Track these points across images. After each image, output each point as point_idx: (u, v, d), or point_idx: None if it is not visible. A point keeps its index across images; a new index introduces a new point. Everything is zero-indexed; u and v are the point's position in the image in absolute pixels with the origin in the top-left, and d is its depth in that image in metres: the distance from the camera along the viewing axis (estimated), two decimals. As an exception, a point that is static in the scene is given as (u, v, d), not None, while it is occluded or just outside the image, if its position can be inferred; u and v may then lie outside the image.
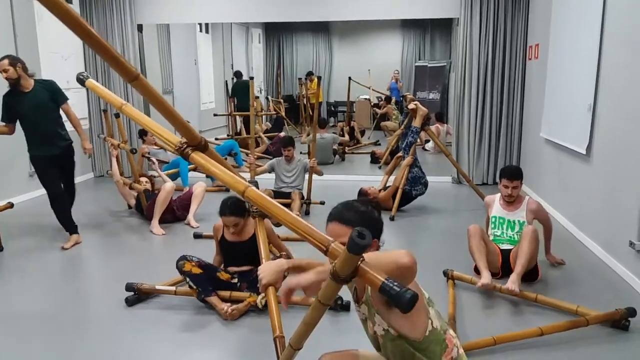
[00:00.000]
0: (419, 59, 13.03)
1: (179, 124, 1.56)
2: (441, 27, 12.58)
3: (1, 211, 4.22)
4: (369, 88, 10.87)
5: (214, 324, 2.92)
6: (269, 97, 11.29)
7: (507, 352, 2.59)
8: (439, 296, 3.11)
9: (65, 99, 4.25)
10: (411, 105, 5.13)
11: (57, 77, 6.26)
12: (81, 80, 1.94)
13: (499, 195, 3.56)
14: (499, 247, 3.38)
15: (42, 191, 5.99)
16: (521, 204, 3.47)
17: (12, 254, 4.08)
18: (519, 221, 3.42)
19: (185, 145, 1.57)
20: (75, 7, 6.61)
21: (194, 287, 3.00)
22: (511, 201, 3.45)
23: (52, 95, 4.11)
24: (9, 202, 4.41)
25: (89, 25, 1.21)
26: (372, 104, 12.04)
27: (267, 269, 1.78)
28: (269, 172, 5.36)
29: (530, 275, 3.33)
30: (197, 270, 3.01)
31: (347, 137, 8.46)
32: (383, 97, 11.46)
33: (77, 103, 6.70)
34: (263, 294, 2.91)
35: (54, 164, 4.18)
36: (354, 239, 1.10)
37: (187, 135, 1.58)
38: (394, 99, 10.93)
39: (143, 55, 6.92)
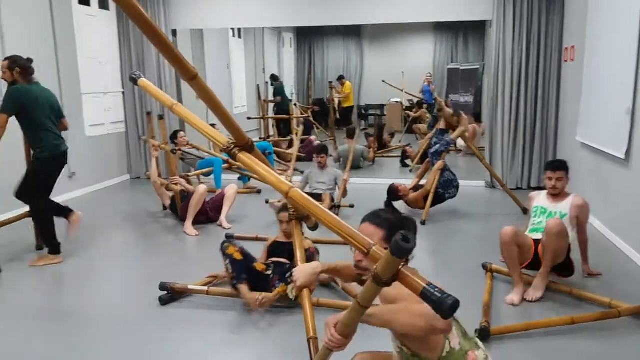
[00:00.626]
0: (452, 62, 12.89)
1: (230, 125, 1.60)
2: (474, 29, 12.42)
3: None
4: (402, 90, 10.82)
5: (246, 324, 2.96)
6: (297, 103, 11.35)
7: (538, 338, 2.69)
8: (473, 289, 3.25)
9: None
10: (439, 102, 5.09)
11: (94, 82, 6.50)
12: (134, 80, 1.98)
13: (545, 190, 3.47)
14: (533, 240, 3.26)
15: (82, 191, 6.23)
16: (567, 198, 3.35)
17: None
18: (560, 212, 3.29)
19: (233, 145, 1.61)
20: (112, 13, 6.81)
21: (231, 271, 3.07)
22: (556, 194, 3.34)
23: None
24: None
25: (156, 26, 1.26)
26: (403, 107, 11.97)
27: (301, 271, 1.81)
28: (304, 185, 5.40)
29: (565, 270, 3.25)
30: (238, 256, 3.10)
31: (372, 155, 8.30)
32: (415, 100, 11.39)
33: (114, 107, 6.91)
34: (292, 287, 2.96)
35: None
36: (398, 242, 1.10)
37: (236, 136, 1.62)
38: (425, 105, 10.85)
39: (177, 60, 7.06)
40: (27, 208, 4.21)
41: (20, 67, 3.81)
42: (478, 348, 1.60)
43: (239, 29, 10.67)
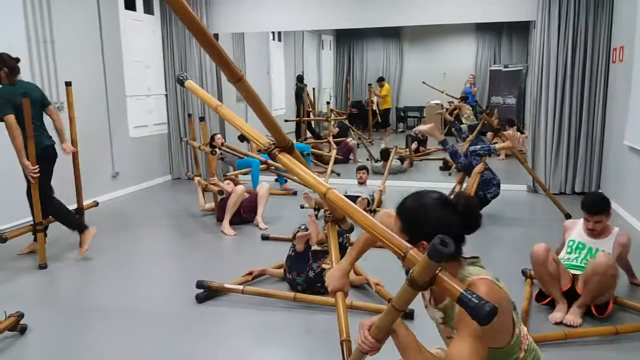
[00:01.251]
0: (494, 63, 12.63)
1: (272, 126, 1.63)
2: (517, 30, 12.12)
3: (87, 209, 4.52)
4: (442, 92, 10.68)
5: (280, 324, 2.98)
6: (333, 109, 11.37)
7: (578, 348, 2.62)
8: (511, 296, 3.07)
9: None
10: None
11: (139, 84, 6.71)
12: (181, 81, 2.03)
13: (582, 220, 3.13)
14: (570, 272, 3.05)
15: (125, 191, 6.44)
16: (609, 234, 3.05)
17: (95, 249, 4.37)
18: (603, 251, 2.97)
19: (274, 146, 1.64)
20: (156, 18, 7.01)
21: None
22: (595, 234, 3.05)
23: None
24: (94, 201, 4.73)
25: (207, 29, 1.30)
26: (443, 108, 11.80)
27: (332, 275, 1.83)
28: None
29: (599, 308, 2.93)
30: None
31: (407, 165, 8.17)
32: (455, 101, 11.20)
33: (156, 109, 7.11)
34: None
35: None
36: (436, 246, 1.09)
37: (277, 137, 1.65)
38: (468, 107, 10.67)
39: (218, 63, 7.20)
40: (73, 206, 4.38)
41: (9, 67, 3.79)
42: (520, 325, 1.54)
43: (279, 33, 10.78)
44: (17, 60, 3.89)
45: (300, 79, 10.55)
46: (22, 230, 3.95)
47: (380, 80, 11.65)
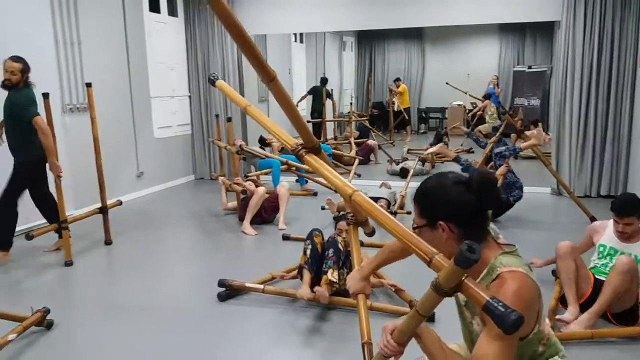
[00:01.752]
0: (518, 64, 12.46)
1: (301, 127, 1.65)
2: (542, 30, 11.94)
3: (111, 208, 4.61)
4: (466, 93, 10.58)
5: (301, 324, 3.00)
6: (354, 111, 11.36)
7: (605, 348, 2.61)
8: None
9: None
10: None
11: (163, 86, 6.81)
12: (212, 81, 2.08)
13: (611, 222, 3.02)
14: (594, 276, 2.99)
15: (149, 190, 6.54)
16: None
17: (119, 247, 4.47)
18: (636, 256, 2.85)
19: (301, 147, 1.65)
20: (180, 20, 7.11)
21: (307, 256, 3.19)
22: (625, 237, 2.95)
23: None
24: (118, 200, 4.82)
25: (245, 32, 1.32)
26: (466, 110, 11.70)
27: (352, 278, 1.84)
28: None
29: (630, 319, 2.84)
30: (319, 248, 3.23)
31: (429, 168, 8.11)
32: (479, 102, 11.09)
33: (180, 110, 7.21)
34: (332, 271, 3.05)
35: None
36: (463, 252, 1.09)
37: (305, 138, 1.66)
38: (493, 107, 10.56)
39: (241, 64, 7.28)
40: (92, 205, 4.47)
41: (28, 72, 3.90)
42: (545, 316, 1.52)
43: (301, 34, 10.82)
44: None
45: (322, 81, 10.58)
46: (48, 229, 4.05)
47: (397, 80, 11.63)
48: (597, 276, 2.99)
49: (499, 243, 1.45)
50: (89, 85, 4.32)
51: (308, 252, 3.22)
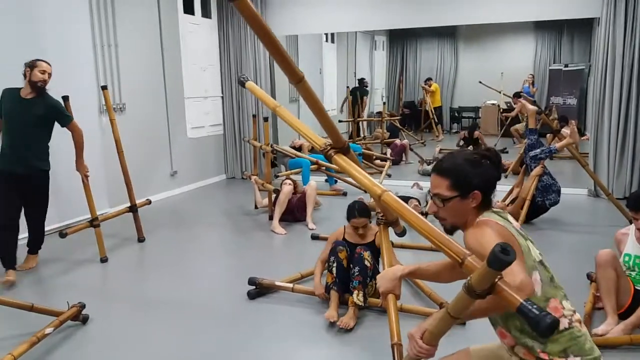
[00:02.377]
0: (554, 62, 12.15)
1: (329, 127, 1.66)
2: (579, 27, 11.60)
3: (140, 207, 4.67)
4: (500, 92, 10.39)
5: (328, 324, 2.99)
6: (386, 112, 11.31)
7: None
8: (573, 299, 2.94)
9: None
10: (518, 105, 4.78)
11: (196, 87, 6.92)
12: (242, 82, 2.11)
13: (633, 227, 2.90)
14: (634, 286, 2.85)
15: (182, 189, 6.66)
16: None
17: (152, 245, 4.56)
18: None
19: (330, 147, 1.66)
20: (213, 22, 7.21)
21: (334, 274, 3.08)
22: None
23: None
24: (147, 199, 4.92)
25: (270, 30, 1.35)
26: (500, 109, 11.49)
27: (382, 277, 1.80)
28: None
29: None
30: (345, 264, 3.11)
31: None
32: (512, 103, 10.88)
33: (213, 110, 7.32)
34: (357, 292, 2.96)
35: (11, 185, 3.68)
36: (496, 254, 1.07)
37: (334, 138, 1.67)
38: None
39: (272, 65, 7.33)
40: (127, 203, 4.57)
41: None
42: (565, 299, 1.51)
43: (332, 34, 10.83)
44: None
45: (359, 82, 10.61)
46: (81, 226, 4.16)
47: (428, 80, 11.51)
48: (637, 287, 2.87)
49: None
50: (104, 87, 4.39)
51: (334, 270, 3.08)
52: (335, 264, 3.10)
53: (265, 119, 5.53)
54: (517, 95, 10.08)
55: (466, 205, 1.55)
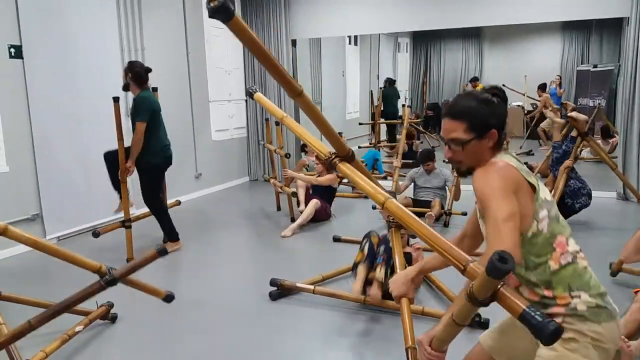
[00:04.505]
0: (582, 63, 11.91)
1: (331, 136, 1.68)
2: (608, 27, 11.35)
3: (170, 208, 4.75)
4: (524, 95, 10.24)
5: (348, 326, 3.01)
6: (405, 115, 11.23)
7: None
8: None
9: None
10: (572, 114, 4.69)
11: (221, 90, 7.01)
12: (250, 93, 2.16)
13: None
14: None
15: (207, 191, 6.75)
16: None
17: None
18: None
19: (334, 156, 1.68)
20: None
21: (365, 253, 3.19)
22: None
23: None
24: (176, 200, 5.01)
25: (265, 47, 1.37)
26: (525, 111, 11.31)
27: (395, 281, 1.83)
28: (408, 184, 5.37)
29: None
30: (376, 247, 3.21)
31: None
32: (537, 104, 10.71)
33: (237, 113, 7.40)
34: (380, 268, 3.07)
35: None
36: (494, 263, 1.06)
37: (337, 147, 1.69)
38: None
39: (296, 68, 7.38)
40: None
41: (132, 73, 4.07)
42: (571, 237, 1.52)
43: (355, 36, 10.83)
44: (146, 69, 4.15)
45: (389, 81, 10.55)
46: (113, 226, 4.27)
47: (474, 80, 11.31)
48: None
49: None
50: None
51: (366, 249, 3.22)
52: (367, 244, 3.23)
53: (277, 123, 5.58)
54: (541, 87, 9.88)
55: (484, 145, 1.53)
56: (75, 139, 4.83)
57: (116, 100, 3.96)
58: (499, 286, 1.14)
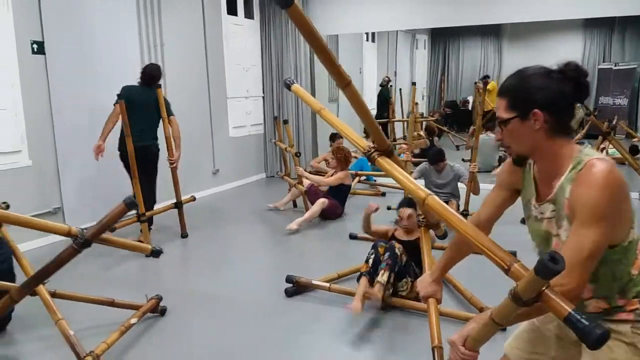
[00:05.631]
0: (603, 61, 11.70)
1: (374, 130, 1.67)
2: (631, 25, 11.14)
3: (185, 203, 4.81)
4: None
5: (365, 324, 3.02)
6: (421, 112, 11.11)
7: None
8: None
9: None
10: None
11: (238, 86, 7.04)
12: (287, 85, 2.15)
13: None
14: None
15: (224, 187, 6.79)
16: None
17: (194, 240, 4.68)
18: None
19: (373, 150, 1.66)
20: (256, 22, 7.32)
21: (369, 265, 3.13)
22: None
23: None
24: (191, 196, 5.05)
25: (322, 38, 1.37)
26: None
27: (422, 281, 1.81)
28: (418, 178, 5.24)
29: None
30: (381, 255, 3.16)
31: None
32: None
33: (254, 110, 7.43)
34: (383, 272, 3.03)
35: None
36: (545, 262, 1.03)
37: (378, 140, 1.68)
38: None
39: (313, 66, 7.38)
40: (172, 200, 4.72)
41: (145, 73, 4.56)
42: None
43: (373, 33, 10.78)
44: (153, 67, 4.65)
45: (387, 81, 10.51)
46: (129, 221, 4.32)
47: (485, 77, 11.18)
48: None
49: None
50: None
51: (370, 261, 3.15)
52: (373, 256, 3.17)
53: (285, 122, 5.59)
54: None
55: (528, 128, 1.33)
56: (95, 134, 4.88)
57: (118, 100, 4.13)
58: (545, 287, 1.12)
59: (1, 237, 2.89)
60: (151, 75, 4.54)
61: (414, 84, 5.54)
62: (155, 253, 2.40)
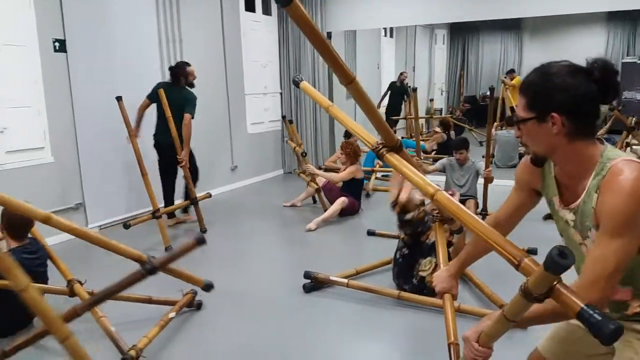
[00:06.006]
0: (627, 55, 11.46)
1: (381, 126, 1.66)
2: (658, 17, 10.89)
3: (200, 200, 4.84)
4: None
5: (382, 320, 3.02)
6: (435, 108, 11.02)
7: None
8: None
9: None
10: None
11: (256, 82, 7.06)
12: (296, 82, 2.16)
13: None
14: None
15: (242, 183, 6.83)
16: None
17: (212, 236, 4.70)
18: None
19: (382, 146, 1.66)
20: (274, 19, 7.32)
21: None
22: None
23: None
24: (207, 193, 5.09)
25: (320, 32, 1.35)
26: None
27: (439, 277, 1.79)
28: (441, 171, 5.17)
29: None
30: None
31: None
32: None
33: (272, 106, 7.45)
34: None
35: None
36: (553, 257, 1.02)
37: (386, 137, 1.67)
38: None
39: (330, 60, 7.35)
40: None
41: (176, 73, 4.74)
42: None
43: (391, 28, 10.71)
44: (174, 66, 4.83)
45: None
46: (143, 218, 4.38)
47: (510, 72, 10.99)
48: None
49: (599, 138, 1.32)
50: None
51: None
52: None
53: (290, 121, 5.59)
54: None
55: (545, 131, 1.26)
56: (116, 131, 4.96)
57: (119, 99, 4.19)
58: (555, 282, 1.10)
59: (35, 238, 2.97)
60: (181, 74, 4.76)
61: (414, 90, 5.52)
62: (207, 287, 2.71)
